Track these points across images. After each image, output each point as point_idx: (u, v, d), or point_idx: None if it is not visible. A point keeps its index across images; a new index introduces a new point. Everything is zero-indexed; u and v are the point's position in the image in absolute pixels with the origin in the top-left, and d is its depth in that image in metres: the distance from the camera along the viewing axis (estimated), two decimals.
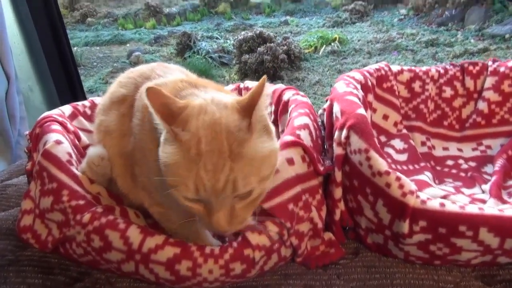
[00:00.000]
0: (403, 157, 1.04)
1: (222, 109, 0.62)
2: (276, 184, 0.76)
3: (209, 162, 0.58)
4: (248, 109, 0.61)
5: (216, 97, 0.66)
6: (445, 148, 1.13)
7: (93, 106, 1.09)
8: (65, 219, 0.78)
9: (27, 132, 0.98)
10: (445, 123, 1.16)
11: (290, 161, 0.79)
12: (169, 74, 0.82)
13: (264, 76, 0.61)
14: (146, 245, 0.72)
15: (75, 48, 4.91)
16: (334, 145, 0.84)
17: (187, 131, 0.59)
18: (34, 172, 0.88)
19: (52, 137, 0.88)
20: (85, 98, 1.80)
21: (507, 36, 3.81)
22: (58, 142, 0.87)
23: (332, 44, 4.18)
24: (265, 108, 0.63)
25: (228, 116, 0.61)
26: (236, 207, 0.62)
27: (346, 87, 0.94)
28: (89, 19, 6.01)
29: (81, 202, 0.79)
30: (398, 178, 0.73)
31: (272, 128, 0.66)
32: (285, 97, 1.02)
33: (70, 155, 0.87)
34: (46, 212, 0.82)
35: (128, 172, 0.83)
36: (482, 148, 1.11)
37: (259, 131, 0.62)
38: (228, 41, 4.59)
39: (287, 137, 0.81)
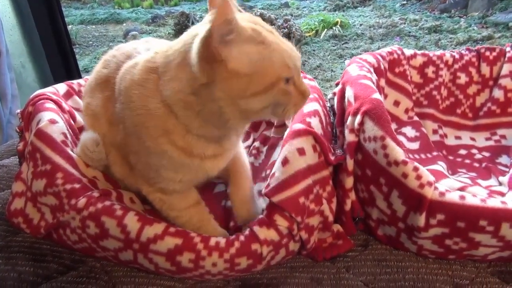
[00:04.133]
0: (415, 146, 1.00)
1: None
2: (287, 176, 0.71)
3: (280, 41, 0.61)
4: None
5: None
6: (458, 137, 1.09)
7: None
8: (59, 203, 0.74)
9: (18, 111, 0.92)
10: (458, 111, 1.11)
11: (301, 151, 0.74)
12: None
13: None
14: (145, 234, 0.68)
15: (70, 26, 4.80)
16: (346, 131, 0.79)
17: (253, 27, 0.58)
18: (26, 152, 0.83)
19: (46, 116, 0.83)
20: (80, 76, 1.75)
21: (510, 24, 3.75)
22: (53, 122, 0.82)
23: (334, 28, 4.10)
24: None
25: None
26: None
27: (359, 70, 0.89)
28: None
29: (76, 185, 0.74)
30: (415, 169, 0.68)
31: None
32: None
33: (65, 136, 0.82)
34: (39, 196, 0.77)
35: (124, 159, 0.78)
36: (496, 137, 1.07)
37: None
38: None
39: (297, 125, 0.77)
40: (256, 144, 1.05)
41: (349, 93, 0.83)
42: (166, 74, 0.62)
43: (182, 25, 4.29)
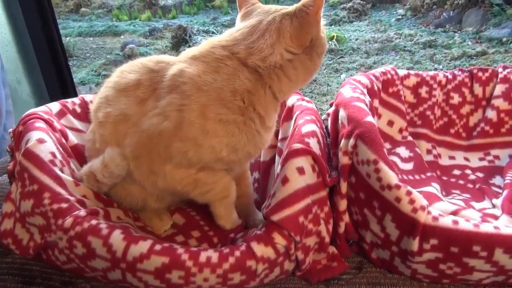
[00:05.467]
0: (409, 166, 1.00)
1: None
2: (286, 194, 0.71)
3: None
4: None
5: None
6: (451, 157, 1.09)
7: (83, 103, 1.03)
8: (46, 223, 0.73)
9: (10, 130, 0.92)
10: (452, 131, 1.11)
11: (301, 171, 0.74)
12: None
13: None
14: (131, 254, 0.67)
15: (67, 38, 4.81)
16: (340, 154, 0.79)
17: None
18: (15, 172, 0.81)
19: (34, 135, 0.82)
20: (75, 92, 1.74)
21: (504, 39, 3.79)
22: (41, 141, 0.81)
23: (330, 42, 4.13)
24: None
25: None
26: None
27: (352, 92, 0.89)
28: (82, 9, 5.91)
29: (64, 205, 0.73)
30: (408, 193, 0.68)
31: None
32: (289, 103, 0.98)
33: (54, 155, 0.81)
34: (27, 216, 0.76)
35: (150, 156, 0.78)
36: (489, 158, 1.07)
37: None
38: None
39: (296, 145, 0.77)
40: (256, 175, 1.04)
41: (343, 115, 0.83)
42: (257, 54, 0.74)
43: (180, 38, 4.32)
